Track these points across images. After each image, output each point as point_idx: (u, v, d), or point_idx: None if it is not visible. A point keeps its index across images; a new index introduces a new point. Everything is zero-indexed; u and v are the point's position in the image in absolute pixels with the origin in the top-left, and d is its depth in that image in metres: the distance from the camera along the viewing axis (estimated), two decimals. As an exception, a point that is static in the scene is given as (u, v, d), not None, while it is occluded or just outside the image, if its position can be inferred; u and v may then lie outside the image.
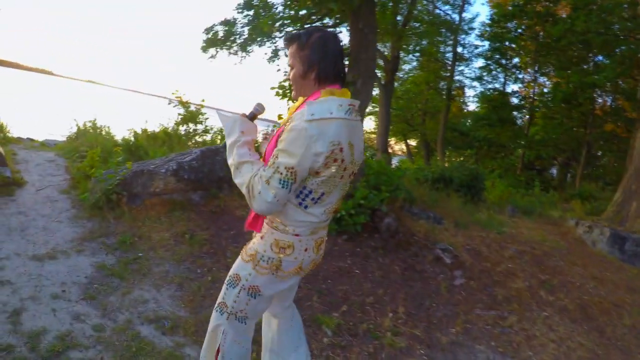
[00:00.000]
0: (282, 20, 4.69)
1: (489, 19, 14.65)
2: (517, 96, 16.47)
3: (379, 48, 11.09)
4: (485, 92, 16.27)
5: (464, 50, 15.83)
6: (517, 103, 16.36)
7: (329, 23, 5.64)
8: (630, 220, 6.25)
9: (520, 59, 15.48)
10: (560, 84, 13.02)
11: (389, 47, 12.29)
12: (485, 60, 15.30)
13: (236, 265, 1.57)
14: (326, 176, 1.37)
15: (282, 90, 4.67)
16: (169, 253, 3.32)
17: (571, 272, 4.50)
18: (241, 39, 5.79)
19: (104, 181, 3.97)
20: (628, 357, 3.02)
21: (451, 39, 14.36)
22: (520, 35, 11.85)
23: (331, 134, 1.31)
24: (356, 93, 4.55)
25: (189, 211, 4.24)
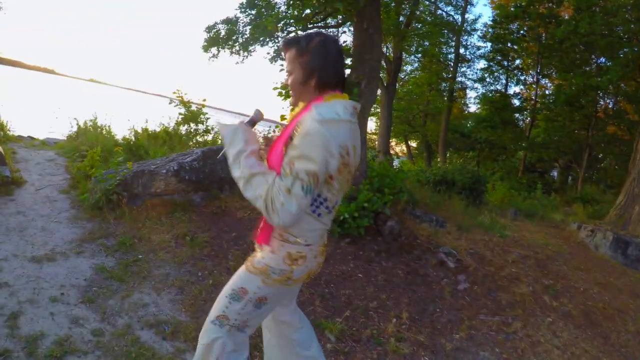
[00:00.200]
0: (285, 19, 4.65)
1: (492, 20, 14.63)
2: (518, 98, 16.45)
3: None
4: (487, 93, 16.24)
5: (466, 52, 15.83)
6: (519, 105, 16.33)
7: (331, 23, 5.61)
8: (633, 224, 6.22)
9: (522, 60, 15.44)
10: (563, 86, 12.97)
11: (391, 48, 12.26)
12: (487, 62, 15.28)
13: (241, 277, 1.50)
14: (339, 182, 1.35)
15: (285, 90, 4.62)
16: (169, 255, 3.28)
17: (575, 276, 4.47)
18: (243, 38, 5.75)
19: (104, 181, 3.93)
20: (633, 364, 2.99)
21: (453, 40, 14.32)
22: (523, 37, 11.81)
23: (339, 137, 1.28)
24: (360, 94, 4.51)
25: (190, 212, 4.20)
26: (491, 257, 4.60)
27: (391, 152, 15.34)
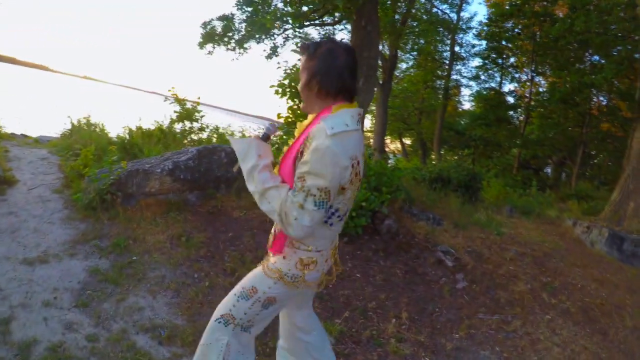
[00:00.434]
0: (282, 17, 4.60)
1: (487, 18, 14.65)
2: (513, 95, 16.52)
3: (377, 46, 11.01)
4: (482, 91, 16.28)
5: (461, 50, 15.84)
6: (514, 102, 16.39)
7: (327, 21, 5.56)
8: (628, 220, 6.25)
9: (516, 58, 15.49)
10: (557, 83, 13.02)
11: (387, 46, 12.22)
12: (482, 60, 15.30)
13: (253, 278, 1.53)
14: (351, 191, 1.38)
15: (282, 88, 4.57)
16: (164, 257, 3.22)
17: (572, 273, 4.47)
18: (239, 35, 5.69)
19: (97, 181, 3.86)
20: (632, 359, 2.99)
21: (449, 38, 14.32)
22: (518, 35, 11.84)
23: (349, 149, 1.31)
24: (358, 92, 4.47)
25: (185, 212, 4.14)
26: (489, 255, 4.60)
27: (386, 149, 15.33)
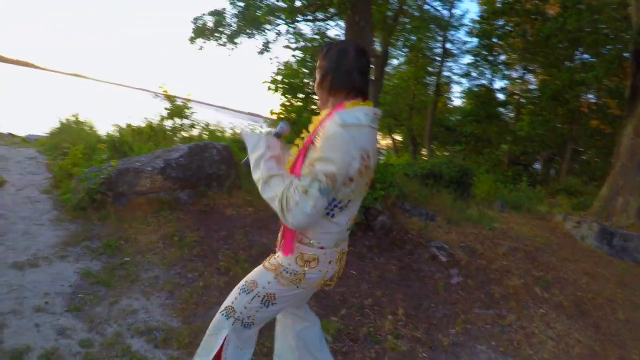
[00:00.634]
0: (276, 11, 4.53)
1: (478, 15, 14.70)
2: (503, 92, 16.65)
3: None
4: (472, 87, 16.38)
5: (452, 47, 15.90)
6: (504, 99, 16.52)
7: (320, 16, 5.51)
8: (617, 215, 6.34)
9: (507, 55, 15.58)
10: (547, 81, 13.14)
11: (379, 42, 12.20)
12: (473, 57, 15.37)
13: (255, 272, 1.54)
14: (356, 184, 1.37)
15: (275, 84, 4.51)
16: (157, 257, 3.16)
17: (564, 268, 4.52)
18: (230, 30, 5.61)
19: (87, 180, 3.78)
20: (624, 352, 3.03)
21: (441, 35, 14.36)
22: (509, 33, 11.90)
23: (360, 141, 1.31)
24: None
25: (177, 211, 4.08)
26: (482, 250, 4.62)
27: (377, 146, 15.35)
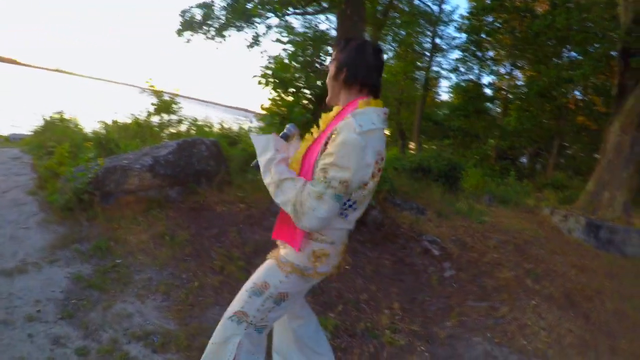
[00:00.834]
0: (266, 3, 4.46)
1: (468, 11, 14.78)
2: (491, 88, 16.82)
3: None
4: (460, 83, 16.51)
5: (441, 42, 15.99)
6: (492, 94, 16.70)
7: (309, 10, 5.45)
8: (603, 209, 6.48)
9: (496, 51, 15.74)
10: (535, 77, 13.31)
11: (369, 37, 12.18)
12: (461, 52, 15.47)
13: (264, 272, 1.51)
14: (371, 185, 1.39)
15: (265, 78, 4.44)
16: (149, 258, 3.08)
17: (552, 260, 4.60)
18: (218, 23, 5.50)
19: (74, 180, 3.66)
20: (614, 340, 3.09)
21: (430, 30, 14.41)
22: (498, 29, 12.00)
23: (375, 144, 1.34)
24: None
25: (167, 209, 4.00)
26: (472, 243, 4.67)
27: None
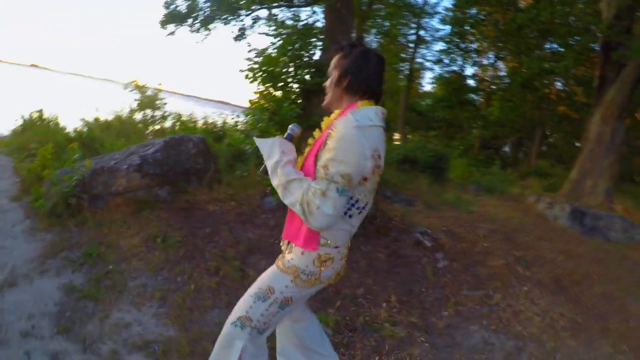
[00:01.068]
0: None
1: (452, 4, 14.84)
2: (474, 79, 17.01)
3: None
4: (444, 74, 16.64)
5: (425, 34, 16.03)
6: (475, 85, 16.90)
7: (295, 2, 5.37)
8: (586, 197, 6.67)
9: (479, 43, 15.90)
10: (517, 68, 13.53)
11: (354, 29, 12.12)
12: (445, 44, 15.57)
13: (269, 277, 1.51)
14: (371, 183, 1.40)
15: (253, 72, 4.35)
16: (142, 262, 3.00)
17: (540, 247, 4.71)
18: (204, 15, 5.36)
19: (59, 183, 3.54)
20: (605, 322, 3.19)
21: (414, 22, 14.43)
22: (481, 21, 12.13)
23: (372, 140, 1.35)
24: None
25: (158, 209, 3.91)
26: (463, 233, 4.74)
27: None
